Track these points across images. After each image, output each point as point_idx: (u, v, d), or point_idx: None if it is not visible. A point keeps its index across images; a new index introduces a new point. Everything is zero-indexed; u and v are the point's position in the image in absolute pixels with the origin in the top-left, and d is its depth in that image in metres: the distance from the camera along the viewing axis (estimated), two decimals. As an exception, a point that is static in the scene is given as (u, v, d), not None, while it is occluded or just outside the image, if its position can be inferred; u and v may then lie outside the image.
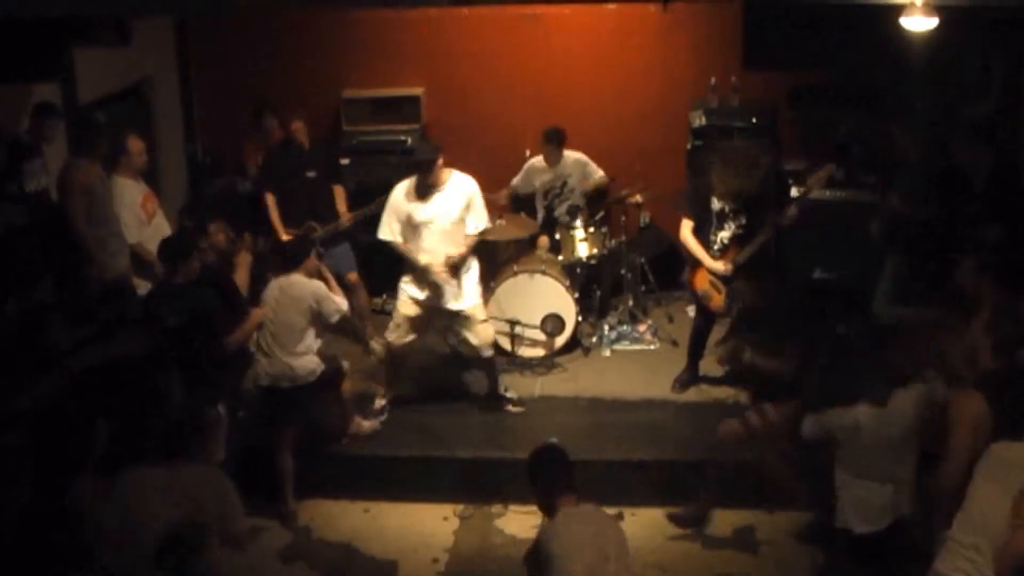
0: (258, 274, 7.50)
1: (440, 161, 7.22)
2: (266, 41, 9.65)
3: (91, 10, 6.77)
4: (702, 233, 7.48)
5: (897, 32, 6.40)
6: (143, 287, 7.30)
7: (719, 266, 7.42)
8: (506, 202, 9.19)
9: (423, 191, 7.25)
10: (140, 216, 7.63)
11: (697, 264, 7.54)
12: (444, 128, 9.83)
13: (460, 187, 7.29)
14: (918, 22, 6.17)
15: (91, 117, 7.75)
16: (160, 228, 7.72)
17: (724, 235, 7.42)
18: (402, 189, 7.37)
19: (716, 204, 7.39)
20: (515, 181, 9.19)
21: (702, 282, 7.54)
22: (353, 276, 8.45)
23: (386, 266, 7.97)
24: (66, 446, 5.20)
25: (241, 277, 7.21)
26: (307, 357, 6.86)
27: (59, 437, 5.27)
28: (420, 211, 7.26)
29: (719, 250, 7.45)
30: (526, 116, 9.48)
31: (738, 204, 7.34)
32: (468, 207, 7.29)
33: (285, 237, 8.23)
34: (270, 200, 8.48)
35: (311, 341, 6.90)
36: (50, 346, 6.23)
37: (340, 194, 8.66)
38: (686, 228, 7.55)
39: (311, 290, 6.85)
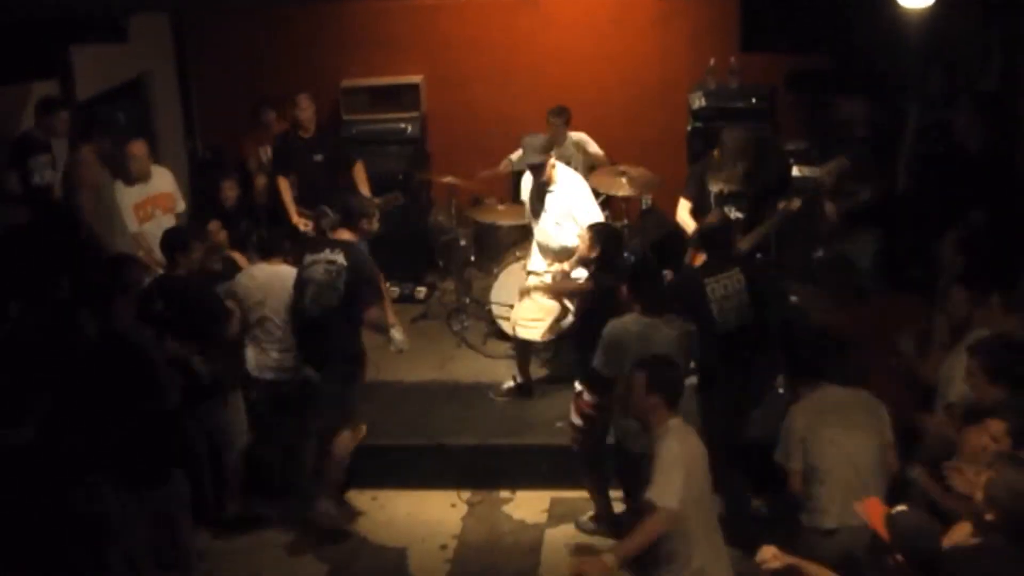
0: None
1: (552, 161, 7.24)
2: (263, 33, 9.66)
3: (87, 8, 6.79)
4: (701, 216, 7.23)
5: (895, 12, 6.38)
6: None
7: None
8: (505, 171, 9.00)
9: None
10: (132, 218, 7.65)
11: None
12: (444, 116, 9.85)
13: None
14: (915, 0, 6.15)
15: (109, 116, 7.89)
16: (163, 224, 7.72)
17: None
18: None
19: (714, 187, 7.23)
20: (514, 156, 8.95)
21: None
22: None
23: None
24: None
25: None
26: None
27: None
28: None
29: None
30: (526, 103, 9.45)
31: (737, 187, 7.17)
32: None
33: (296, 219, 8.31)
34: (283, 184, 8.52)
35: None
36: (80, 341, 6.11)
37: (361, 176, 8.60)
38: (683, 209, 7.38)
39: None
